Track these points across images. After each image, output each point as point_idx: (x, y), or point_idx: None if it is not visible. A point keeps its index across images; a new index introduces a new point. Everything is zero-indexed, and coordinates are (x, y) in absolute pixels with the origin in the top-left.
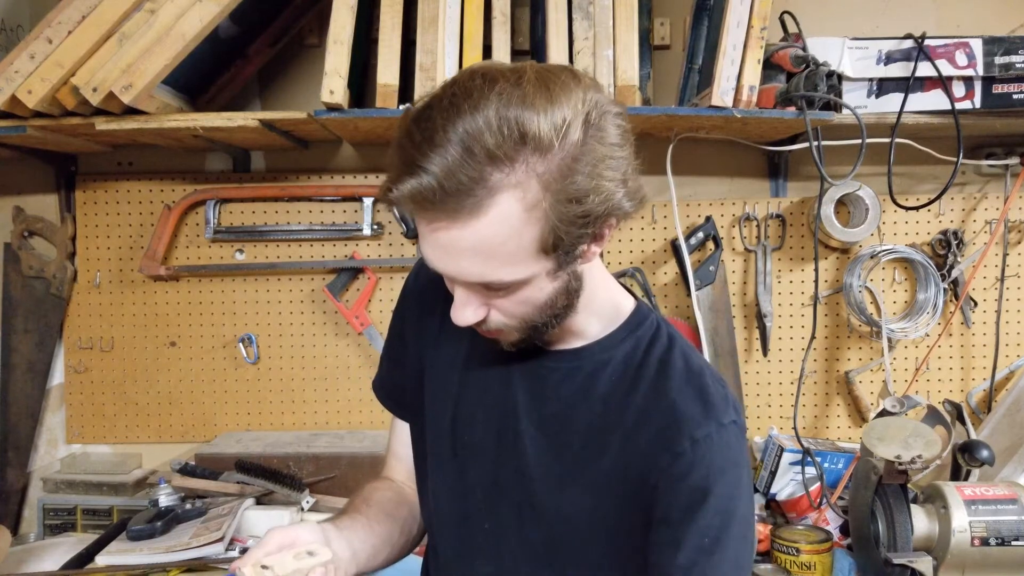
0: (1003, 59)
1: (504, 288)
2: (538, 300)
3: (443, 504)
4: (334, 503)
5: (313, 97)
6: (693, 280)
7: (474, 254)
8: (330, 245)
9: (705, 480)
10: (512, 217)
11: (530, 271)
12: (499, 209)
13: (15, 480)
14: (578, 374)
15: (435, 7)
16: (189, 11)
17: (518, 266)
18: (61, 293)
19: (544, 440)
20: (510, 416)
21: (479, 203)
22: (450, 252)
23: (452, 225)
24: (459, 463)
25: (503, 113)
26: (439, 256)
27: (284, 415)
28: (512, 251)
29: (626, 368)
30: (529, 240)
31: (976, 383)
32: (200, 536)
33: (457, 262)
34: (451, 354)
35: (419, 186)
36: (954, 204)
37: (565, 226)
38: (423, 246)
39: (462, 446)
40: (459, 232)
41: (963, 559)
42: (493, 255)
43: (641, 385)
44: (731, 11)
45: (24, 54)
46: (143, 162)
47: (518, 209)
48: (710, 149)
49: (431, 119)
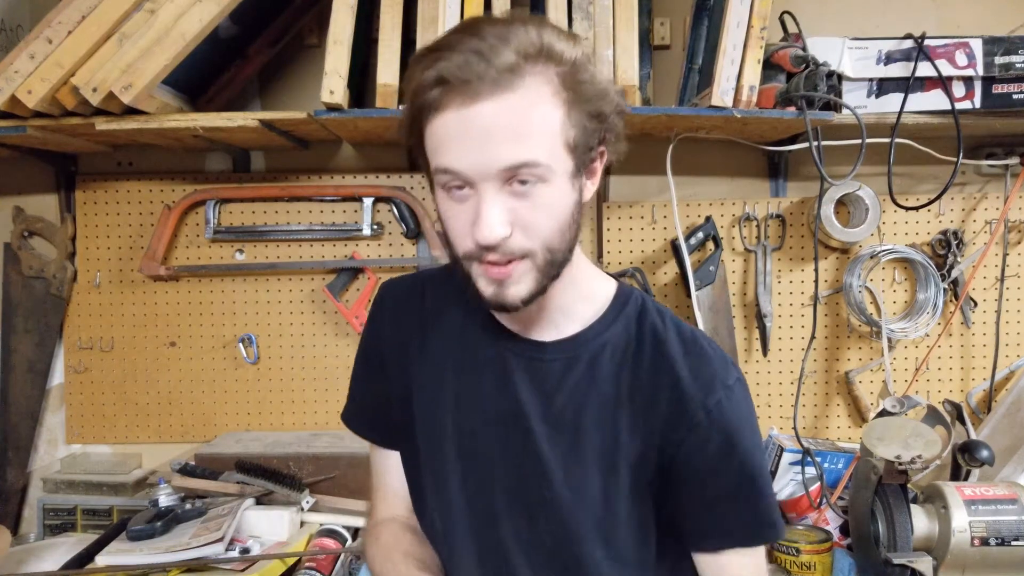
0: (1003, 59)
1: (534, 175)
2: (558, 208)
3: (450, 519)
4: (334, 503)
5: (313, 97)
6: (693, 280)
7: (509, 132)
8: (330, 245)
9: (727, 442)
10: (541, 96)
11: (556, 159)
12: (530, 88)
13: (15, 480)
14: (579, 362)
15: (435, 7)
16: (189, 11)
17: (546, 148)
18: (61, 293)
19: (558, 435)
20: (518, 417)
21: (514, 80)
22: (485, 137)
23: (489, 100)
24: (463, 474)
25: (527, 26)
26: (472, 147)
27: (284, 415)
28: (541, 130)
29: (625, 348)
30: (555, 123)
31: (976, 383)
32: (200, 536)
33: (493, 147)
34: (439, 366)
35: (463, 62)
36: (954, 204)
37: (582, 120)
38: (451, 149)
39: (466, 456)
40: (496, 107)
41: (963, 559)
42: (526, 133)
43: (643, 363)
44: (731, 11)
45: (24, 54)
46: (143, 162)
47: (546, 91)
48: (710, 149)
49: (459, 30)
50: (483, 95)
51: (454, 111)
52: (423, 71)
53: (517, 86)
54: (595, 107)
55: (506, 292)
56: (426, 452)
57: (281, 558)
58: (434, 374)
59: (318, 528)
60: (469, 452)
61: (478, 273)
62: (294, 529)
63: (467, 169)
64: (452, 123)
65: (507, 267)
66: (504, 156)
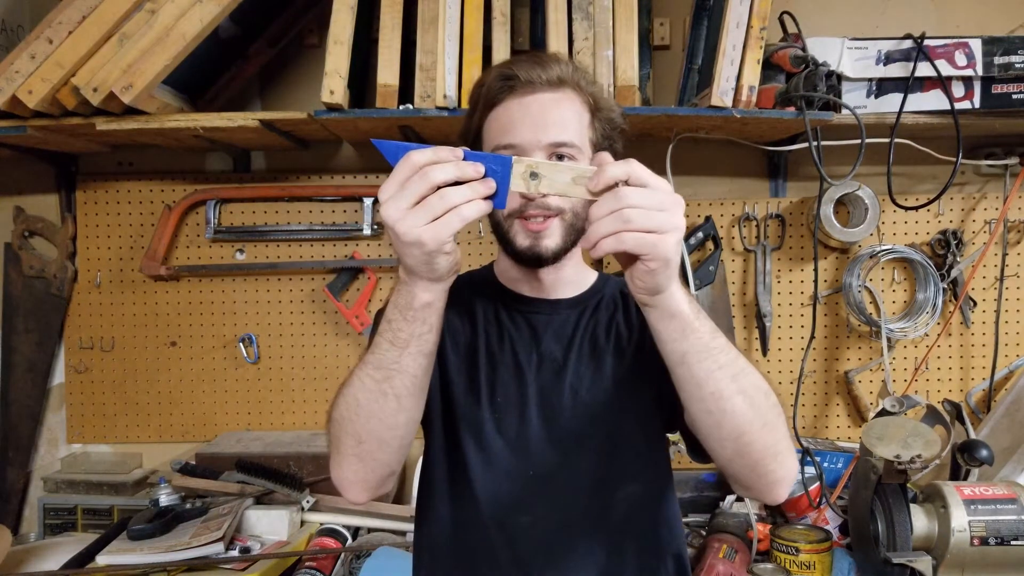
0: (1002, 59)
1: (569, 153)
2: None
3: (491, 464)
4: (334, 502)
5: (313, 97)
6: (693, 280)
7: (556, 116)
8: (330, 245)
9: None
10: (577, 102)
11: (584, 146)
12: (571, 95)
13: (16, 480)
14: (587, 310)
15: (435, 7)
16: (189, 11)
17: (579, 135)
18: (62, 293)
19: (591, 362)
20: (553, 361)
21: (563, 86)
22: (538, 119)
23: (543, 93)
24: (498, 423)
25: (567, 63)
26: (528, 126)
27: (284, 415)
28: (577, 121)
29: (613, 301)
30: (585, 120)
31: (975, 383)
32: (200, 536)
33: (545, 125)
34: (463, 338)
35: (527, 68)
36: (953, 204)
37: (601, 126)
38: (511, 128)
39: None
40: (547, 98)
41: (962, 558)
42: (567, 120)
43: (630, 307)
44: (731, 11)
45: (25, 54)
46: (143, 162)
47: (579, 100)
48: (710, 149)
49: (521, 53)
50: (539, 89)
51: (516, 99)
52: (495, 75)
53: (564, 90)
54: (608, 118)
55: (541, 243)
56: (465, 412)
57: (281, 557)
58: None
59: (318, 527)
60: (503, 402)
61: (518, 229)
62: (294, 528)
63: (523, 143)
64: (514, 109)
65: (544, 223)
66: (552, 134)
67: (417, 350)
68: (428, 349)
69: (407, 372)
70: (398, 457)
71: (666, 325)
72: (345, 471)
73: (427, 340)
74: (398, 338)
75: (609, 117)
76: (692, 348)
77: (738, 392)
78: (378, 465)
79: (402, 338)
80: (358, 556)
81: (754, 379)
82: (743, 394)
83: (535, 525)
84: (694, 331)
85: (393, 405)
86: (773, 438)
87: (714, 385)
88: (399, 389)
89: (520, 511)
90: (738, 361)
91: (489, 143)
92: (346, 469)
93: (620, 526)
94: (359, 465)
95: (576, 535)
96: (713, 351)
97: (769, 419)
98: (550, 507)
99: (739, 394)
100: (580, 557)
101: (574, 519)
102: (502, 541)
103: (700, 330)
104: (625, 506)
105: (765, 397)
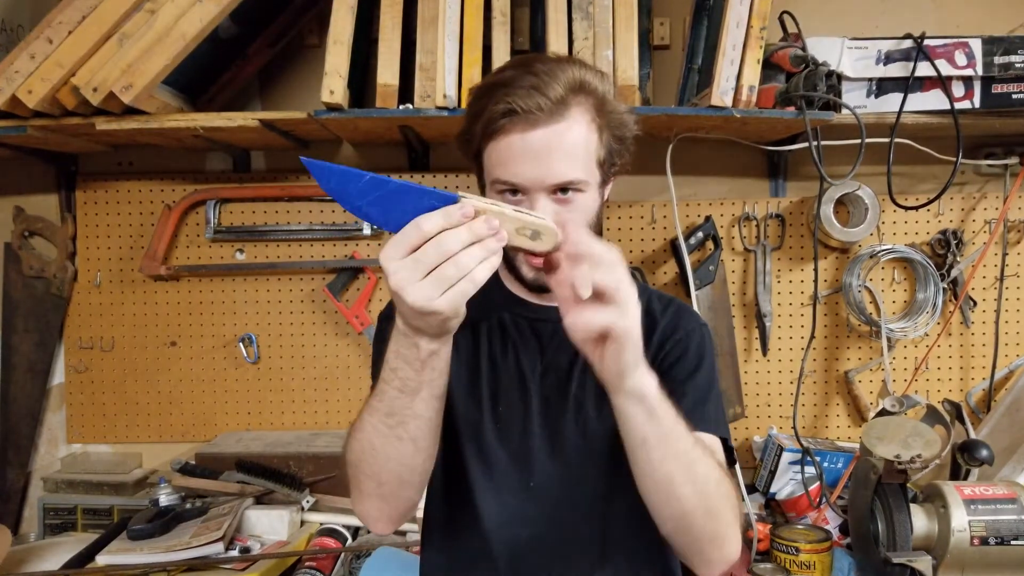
0: (1002, 59)
1: (575, 190)
2: (590, 211)
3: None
4: (334, 502)
5: (313, 97)
6: (693, 280)
7: (560, 153)
8: (330, 245)
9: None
10: (584, 124)
11: (592, 175)
12: (574, 117)
13: (15, 480)
14: None
15: (435, 7)
16: (189, 11)
17: (586, 168)
18: (61, 293)
19: (585, 376)
20: (558, 371)
21: (563, 110)
22: (545, 155)
23: (545, 128)
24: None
25: (569, 64)
26: (531, 164)
27: (284, 415)
28: (584, 154)
29: None
30: (593, 147)
31: (975, 383)
32: (200, 535)
33: (550, 164)
34: (466, 343)
35: (526, 95)
36: (953, 204)
37: (610, 142)
38: (512, 165)
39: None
40: (554, 130)
41: (962, 558)
42: (572, 155)
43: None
44: (731, 11)
45: (24, 54)
46: (143, 162)
47: (585, 119)
48: (710, 149)
49: (515, 65)
50: (541, 123)
51: (518, 135)
52: (494, 104)
53: (565, 116)
54: (619, 132)
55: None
56: (466, 426)
57: (281, 557)
58: (461, 354)
59: (318, 527)
60: (506, 412)
61: (522, 262)
62: (294, 528)
63: (525, 182)
64: (516, 144)
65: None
66: (556, 173)
67: (429, 394)
68: (439, 392)
69: (421, 417)
70: (420, 491)
71: (634, 408)
72: (369, 509)
73: (437, 384)
74: (407, 386)
75: (618, 129)
76: (654, 432)
77: (689, 481)
78: (400, 501)
79: (411, 387)
80: (358, 556)
81: (706, 469)
82: (693, 483)
83: (534, 537)
84: (658, 416)
85: (410, 448)
86: (714, 525)
87: (666, 472)
88: (414, 432)
89: (519, 524)
90: (695, 449)
91: (490, 172)
92: (369, 507)
93: (618, 541)
94: (382, 503)
95: (574, 550)
96: (671, 438)
97: (714, 507)
98: (549, 520)
99: (689, 483)
100: (577, 571)
101: (572, 533)
102: (500, 552)
103: (664, 415)
104: (624, 522)
105: (716, 486)
